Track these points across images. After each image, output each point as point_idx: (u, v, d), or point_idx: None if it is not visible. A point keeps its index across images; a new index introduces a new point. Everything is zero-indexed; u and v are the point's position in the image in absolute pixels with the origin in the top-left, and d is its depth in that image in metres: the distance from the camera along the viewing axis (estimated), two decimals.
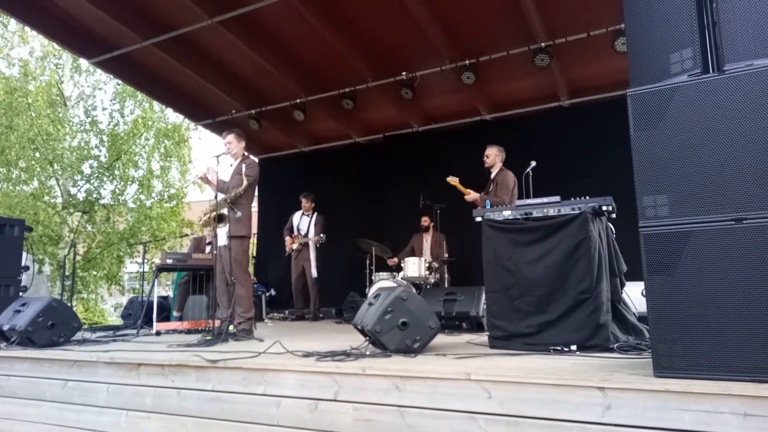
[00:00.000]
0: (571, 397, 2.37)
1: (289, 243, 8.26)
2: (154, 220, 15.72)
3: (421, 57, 7.56)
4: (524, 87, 8.13)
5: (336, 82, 8.34)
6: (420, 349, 3.50)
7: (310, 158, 10.60)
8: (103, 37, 7.56)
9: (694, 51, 2.54)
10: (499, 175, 6.08)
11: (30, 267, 6.67)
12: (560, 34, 6.81)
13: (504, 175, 6.06)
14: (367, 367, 2.89)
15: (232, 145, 5.26)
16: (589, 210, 3.55)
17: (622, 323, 3.71)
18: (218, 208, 5.00)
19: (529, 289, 3.63)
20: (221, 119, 9.57)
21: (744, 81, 2.36)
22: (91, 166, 15.48)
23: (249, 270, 5.64)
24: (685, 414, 2.16)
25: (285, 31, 7.31)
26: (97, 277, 15.67)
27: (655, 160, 2.50)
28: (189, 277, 6.67)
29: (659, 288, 2.41)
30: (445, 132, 9.11)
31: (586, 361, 3.05)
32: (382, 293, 3.70)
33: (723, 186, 2.34)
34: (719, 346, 2.26)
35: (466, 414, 2.56)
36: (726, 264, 2.29)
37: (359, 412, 2.81)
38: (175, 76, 8.43)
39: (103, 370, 3.75)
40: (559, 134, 7.90)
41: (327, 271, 8.37)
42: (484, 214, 3.97)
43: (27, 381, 4.09)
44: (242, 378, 3.22)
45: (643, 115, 2.56)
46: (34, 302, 4.70)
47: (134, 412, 3.51)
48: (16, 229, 5.91)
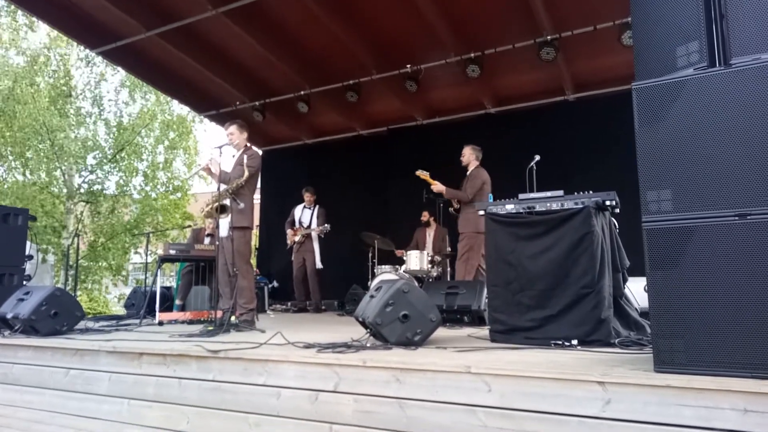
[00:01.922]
0: (571, 391, 2.37)
1: (291, 236, 8.28)
2: (159, 211, 15.77)
3: (426, 49, 7.53)
4: (529, 81, 8.09)
5: (340, 75, 8.32)
6: (421, 341, 3.50)
7: (314, 151, 10.59)
8: (107, 27, 7.55)
9: (700, 44, 2.51)
10: (473, 172, 6.33)
11: (34, 256, 6.70)
12: (566, 27, 6.77)
13: (477, 171, 6.30)
14: (367, 359, 2.89)
15: (234, 136, 5.28)
16: (592, 204, 3.54)
17: (623, 318, 3.70)
18: (220, 198, 5.00)
19: (530, 283, 3.62)
20: (225, 110, 9.57)
21: (751, 75, 2.33)
22: (95, 156, 15.52)
23: (251, 261, 5.65)
24: (685, 409, 2.15)
25: (290, 22, 7.28)
26: (102, 267, 15.75)
27: (659, 155, 2.48)
28: (192, 267, 6.69)
29: (661, 283, 2.40)
30: (450, 125, 9.08)
31: (587, 355, 3.05)
32: (383, 286, 3.69)
33: (727, 181, 2.32)
34: (720, 342, 2.25)
35: (466, 407, 2.56)
36: (729, 260, 2.27)
37: (359, 404, 2.81)
38: (179, 67, 8.42)
39: (106, 359, 3.77)
40: (564, 128, 7.86)
41: (329, 263, 8.38)
42: (486, 207, 3.96)
43: (30, 369, 4.11)
44: (243, 368, 3.23)
45: (648, 109, 2.53)
46: (38, 291, 4.72)
47: (136, 401, 3.52)
48: (20, 218, 5.92)
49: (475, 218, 6.05)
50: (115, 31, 7.59)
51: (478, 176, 6.24)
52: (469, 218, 6.18)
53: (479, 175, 6.25)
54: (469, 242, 6.14)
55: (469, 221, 6.18)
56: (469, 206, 6.15)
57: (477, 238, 6.05)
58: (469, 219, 6.16)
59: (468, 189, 6.19)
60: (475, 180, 6.22)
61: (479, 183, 6.18)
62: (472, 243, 6.12)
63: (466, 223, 6.21)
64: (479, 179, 6.20)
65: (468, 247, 6.13)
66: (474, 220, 6.08)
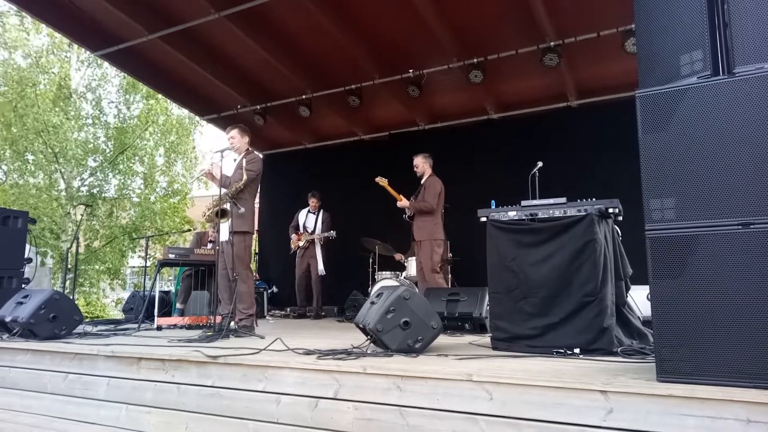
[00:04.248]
0: (573, 400, 2.35)
1: (295, 240, 8.26)
2: (158, 215, 15.75)
3: (429, 54, 7.52)
4: (532, 87, 8.08)
5: (342, 79, 8.31)
6: (422, 349, 3.48)
7: (315, 155, 10.57)
8: (109, 30, 7.55)
9: (704, 53, 2.51)
10: (428, 180, 6.41)
11: (33, 259, 6.68)
12: (570, 33, 6.76)
13: (432, 180, 6.40)
14: (368, 366, 2.88)
15: (236, 140, 5.28)
16: (595, 212, 3.52)
17: (626, 327, 3.68)
18: (220, 203, 4.99)
19: (532, 290, 3.61)
20: (226, 114, 9.56)
21: (754, 84, 2.33)
22: (95, 159, 15.52)
23: (251, 266, 5.63)
24: (688, 419, 2.14)
25: (292, 26, 7.28)
26: (100, 271, 15.72)
27: (662, 163, 2.47)
28: (192, 271, 6.67)
29: (664, 292, 2.39)
30: (452, 131, 9.06)
31: (589, 364, 3.03)
32: (384, 292, 3.68)
33: (731, 190, 2.31)
34: (723, 352, 2.24)
35: (466, 415, 2.54)
36: (732, 269, 2.26)
37: (359, 411, 2.80)
38: (181, 70, 8.42)
39: (104, 364, 3.75)
40: (567, 135, 7.85)
41: (330, 269, 8.36)
42: (488, 214, 3.94)
43: (28, 373, 4.10)
44: (242, 374, 3.21)
45: (652, 116, 2.53)
46: (37, 294, 4.70)
47: (134, 406, 3.51)
48: (19, 221, 5.91)
49: (430, 226, 6.21)
50: (118, 34, 7.59)
51: (435, 185, 6.33)
52: (423, 226, 6.24)
53: (435, 183, 6.35)
54: (428, 249, 6.15)
55: (423, 229, 6.24)
56: (426, 214, 6.23)
57: (432, 244, 6.14)
58: (424, 227, 6.23)
59: (429, 199, 6.24)
60: (432, 189, 6.29)
61: (437, 191, 6.28)
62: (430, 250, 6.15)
63: (421, 231, 6.25)
64: (436, 188, 6.30)
65: (431, 253, 6.14)
66: (429, 228, 6.20)
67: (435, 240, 6.19)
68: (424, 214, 6.24)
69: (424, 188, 6.39)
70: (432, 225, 6.22)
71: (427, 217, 6.22)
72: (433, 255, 6.13)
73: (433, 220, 6.24)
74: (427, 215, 6.22)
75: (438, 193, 6.27)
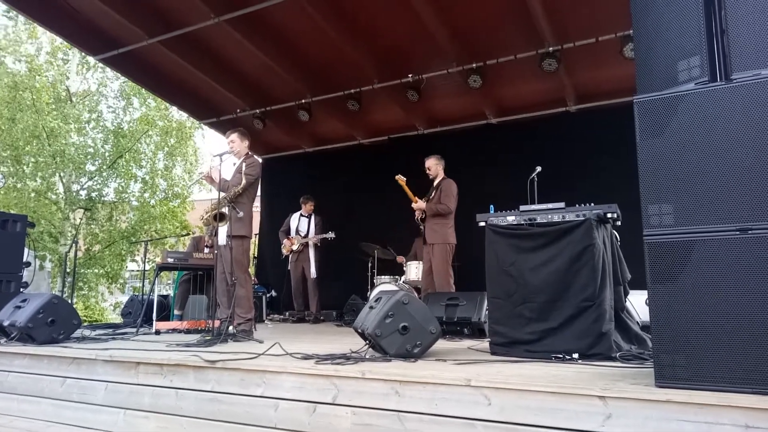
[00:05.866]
0: (571, 405, 2.35)
1: (287, 245, 8.22)
2: (157, 219, 15.73)
3: (428, 59, 7.54)
4: (531, 91, 8.09)
5: (342, 83, 8.33)
6: (420, 353, 3.48)
7: (314, 159, 10.58)
8: (110, 34, 7.56)
9: (701, 59, 2.52)
10: (443, 183, 6.32)
11: (31, 263, 6.67)
12: (569, 38, 6.78)
13: (448, 182, 6.30)
14: (366, 371, 2.88)
15: (235, 144, 5.28)
16: (593, 217, 3.53)
17: (625, 332, 3.68)
18: (219, 206, 4.99)
19: (531, 295, 3.61)
20: (225, 118, 9.57)
21: (751, 90, 2.34)
22: (95, 163, 15.51)
23: (250, 270, 5.62)
24: (686, 425, 2.14)
25: (292, 30, 7.30)
26: (98, 275, 15.69)
27: (660, 168, 2.48)
28: (190, 275, 6.67)
29: (662, 297, 2.39)
30: (451, 135, 9.07)
31: (588, 369, 3.03)
32: (383, 297, 3.68)
33: (728, 196, 2.32)
34: (722, 357, 2.24)
35: (465, 420, 2.54)
36: (730, 274, 2.26)
37: (358, 416, 2.79)
38: (181, 74, 8.43)
39: (102, 368, 3.75)
40: (566, 140, 7.85)
41: (328, 273, 8.35)
42: (487, 219, 3.94)
43: (26, 377, 4.08)
44: (241, 379, 3.20)
45: (650, 122, 2.54)
46: (35, 298, 4.70)
47: (132, 411, 3.50)
48: (18, 224, 5.91)
49: (444, 229, 6.12)
50: (117, 38, 7.60)
51: (451, 187, 6.25)
52: (437, 229, 6.17)
53: (451, 185, 6.26)
54: (442, 253, 6.10)
55: (437, 232, 6.16)
56: (440, 217, 6.16)
57: (446, 248, 6.10)
58: (438, 230, 6.16)
59: (447, 201, 6.15)
60: (449, 191, 6.21)
61: (454, 193, 6.21)
62: (444, 254, 6.11)
63: (435, 234, 6.17)
64: (453, 190, 6.22)
65: (442, 258, 6.09)
66: (443, 232, 6.12)
67: (449, 244, 6.12)
68: (438, 217, 6.16)
69: (440, 190, 6.27)
70: (446, 228, 6.14)
71: (441, 219, 6.13)
72: (447, 258, 6.08)
73: (448, 224, 6.16)
74: (440, 218, 6.14)
75: (456, 195, 6.20)
